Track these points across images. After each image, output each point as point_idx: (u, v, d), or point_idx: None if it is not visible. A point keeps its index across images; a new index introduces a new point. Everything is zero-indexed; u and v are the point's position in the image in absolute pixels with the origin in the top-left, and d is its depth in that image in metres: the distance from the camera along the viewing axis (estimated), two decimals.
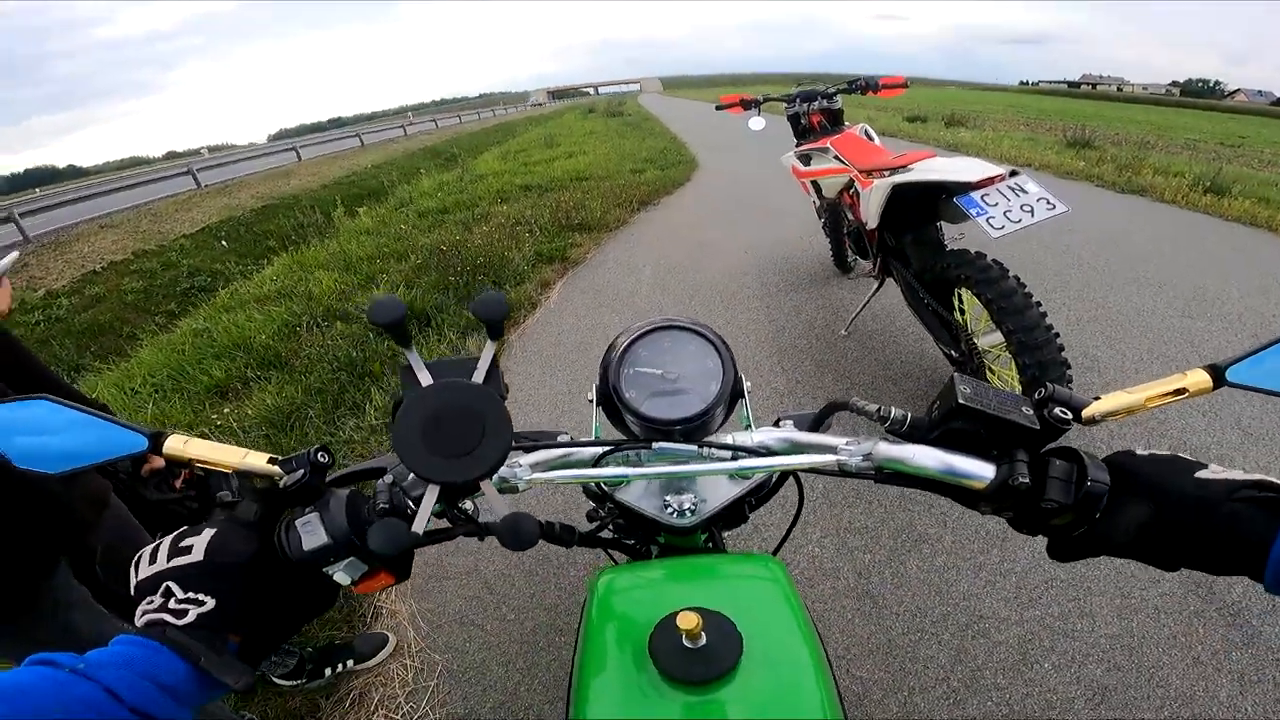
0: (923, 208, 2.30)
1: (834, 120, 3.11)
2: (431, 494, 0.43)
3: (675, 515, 0.66)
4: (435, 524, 0.47)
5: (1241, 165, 8.80)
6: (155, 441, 0.50)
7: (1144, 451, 0.45)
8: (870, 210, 2.37)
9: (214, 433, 2.69)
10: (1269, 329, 2.99)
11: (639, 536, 0.76)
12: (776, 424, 0.65)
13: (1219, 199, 5.18)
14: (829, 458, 0.56)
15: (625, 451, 0.62)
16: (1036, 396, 0.49)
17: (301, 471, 0.50)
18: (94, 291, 6.25)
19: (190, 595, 0.43)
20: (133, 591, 0.46)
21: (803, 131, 3.20)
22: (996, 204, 1.84)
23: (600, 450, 0.62)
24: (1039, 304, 1.89)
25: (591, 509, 0.79)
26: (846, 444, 0.56)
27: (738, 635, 0.49)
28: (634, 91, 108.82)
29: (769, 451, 0.60)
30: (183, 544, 0.46)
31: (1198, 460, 0.43)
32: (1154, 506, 0.42)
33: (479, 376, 0.46)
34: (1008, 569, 1.70)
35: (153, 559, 0.46)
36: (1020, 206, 1.83)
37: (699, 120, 16.77)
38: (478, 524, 0.49)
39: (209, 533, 0.46)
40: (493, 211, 5.76)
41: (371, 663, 1.64)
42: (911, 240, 2.45)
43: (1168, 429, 2.21)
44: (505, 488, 0.56)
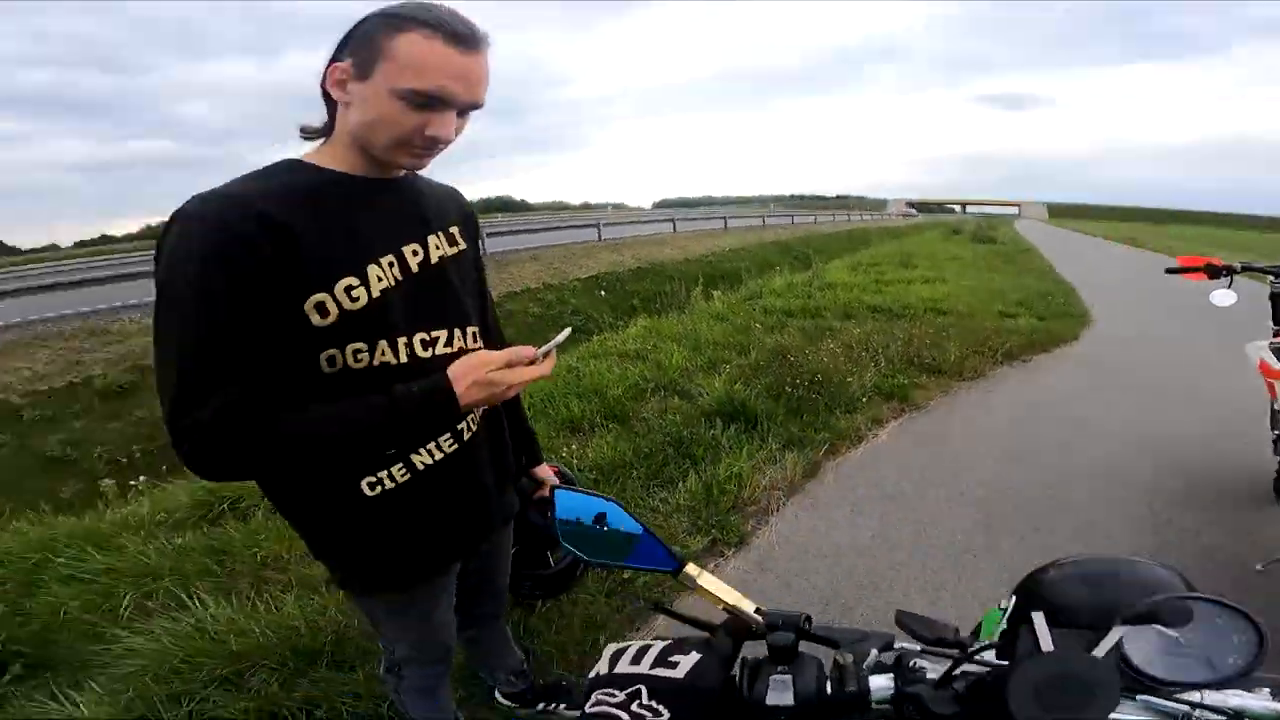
0: None
1: None
2: None
3: None
4: None
5: None
6: (679, 567, 0.60)
7: None
8: None
9: (555, 462, 3.18)
10: None
11: None
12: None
13: None
14: None
15: None
16: None
17: (791, 635, 0.54)
18: (509, 308, 8.09)
19: (653, 705, 0.48)
20: (594, 675, 0.53)
21: None
22: None
23: None
24: None
25: None
26: None
27: None
28: (1010, 215, 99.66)
29: None
30: (671, 659, 0.52)
31: None
32: None
33: (1099, 652, 0.46)
34: None
35: (636, 659, 0.53)
36: None
37: (1098, 262, 14.43)
38: None
39: (695, 657, 0.52)
40: (836, 327, 5.77)
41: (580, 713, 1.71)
42: None
43: None
44: None
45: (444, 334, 0.99)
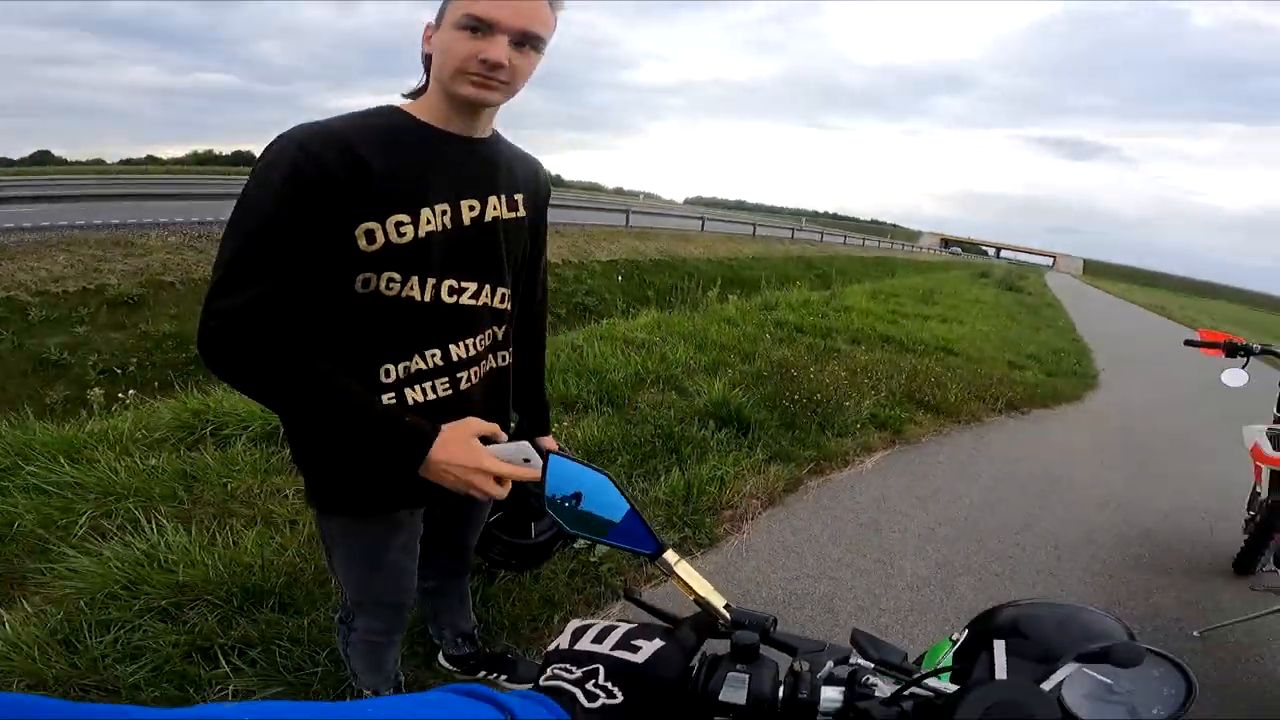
0: None
1: None
2: None
3: None
4: None
5: None
6: (658, 551, 0.62)
7: None
8: None
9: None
10: None
11: None
12: None
13: None
14: None
15: None
16: None
17: (756, 635, 0.55)
18: None
19: (607, 686, 0.49)
20: (553, 648, 0.55)
21: None
22: None
23: None
24: None
25: None
26: None
27: None
28: (1042, 265, 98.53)
29: None
30: (634, 642, 0.53)
31: None
32: None
33: (1048, 685, 0.48)
34: None
35: (598, 639, 0.54)
36: None
37: (1121, 325, 14.28)
38: None
39: (659, 644, 0.53)
40: (844, 350, 5.76)
41: (519, 688, 1.73)
42: None
43: None
44: None
45: (473, 286, 1.06)
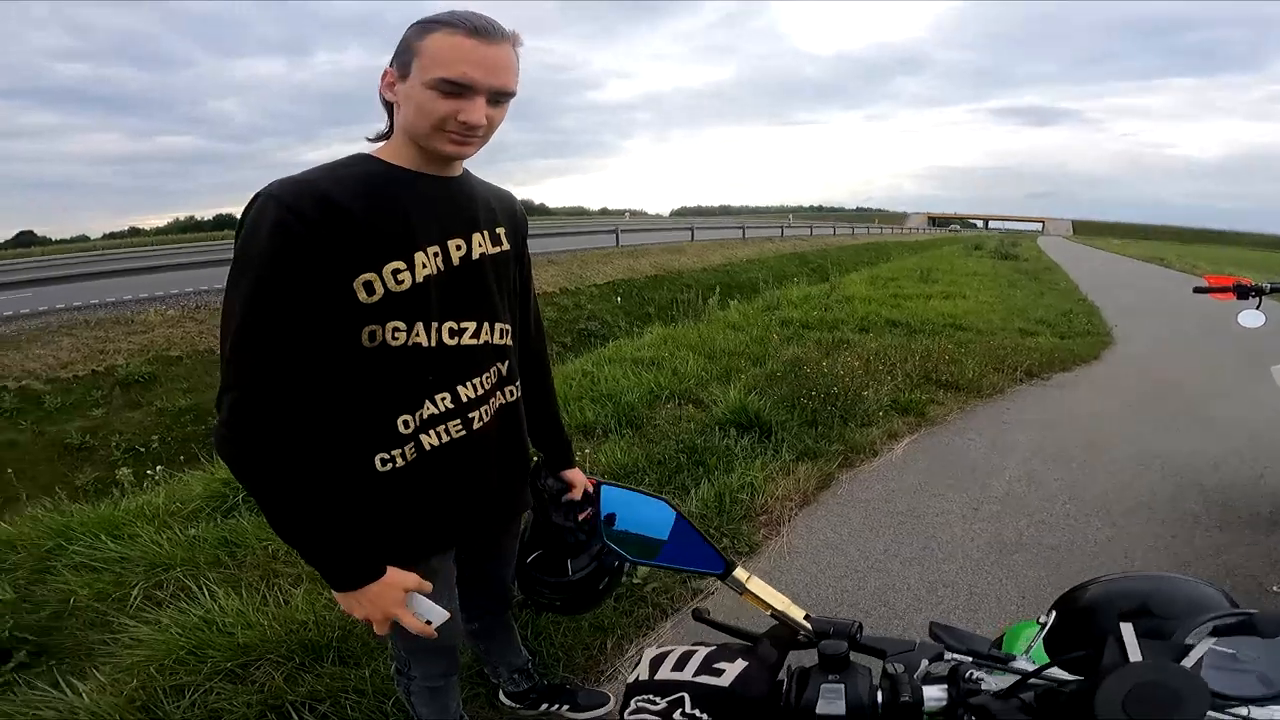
0: None
1: None
2: None
3: None
4: None
5: None
6: (728, 568, 0.60)
7: None
8: None
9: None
10: None
11: None
12: None
13: None
14: None
15: None
16: None
17: (845, 644, 0.53)
18: None
19: (695, 714, 0.47)
20: (633, 680, 0.52)
21: None
22: None
23: None
24: None
25: None
26: None
27: None
28: (1033, 231, 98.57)
29: None
30: (716, 665, 0.51)
31: None
32: None
33: (1188, 663, 0.46)
34: None
35: (679, 665, 0.52)
36: None
37: (1123, 280, 14.20)
38: None
39: (742, 664, 0.51)
40: (853, 340, 5.73)
41: (584, 716, 1.70)
42: None
43: None
44: None
45: (472, 325, 1.06)
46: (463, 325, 1.05)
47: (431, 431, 1.04)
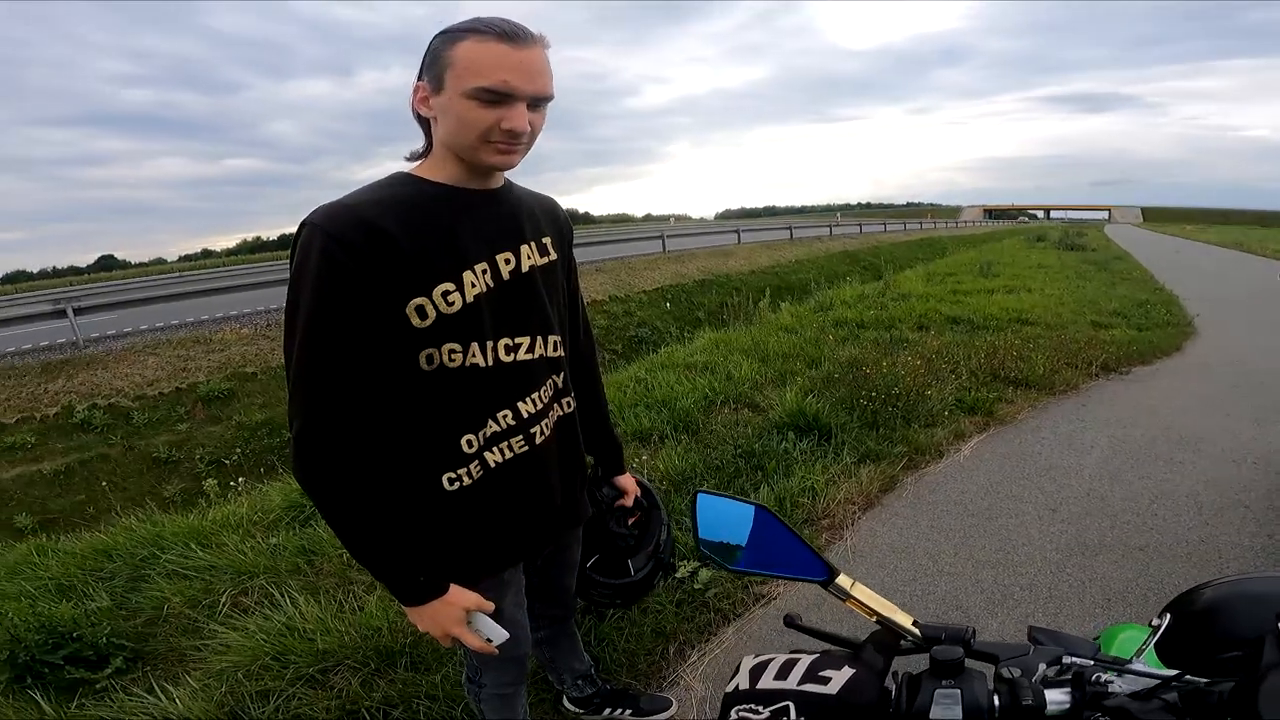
0: None
1: None
2: None
3: None
4: None
5: None
6: (831, 574, 0.59)
7: None
8: None
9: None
10: None
11: None
12: None
13: None
14: None
15: None
16: None
17: (960, 649, 0.52)
18: None
19: None
20: (732, 689, 0.51)
21: None
22: None
23: None
24: None
25: None
26: None
27: None
28: (1099, 220, 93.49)
29: None
30: (822, 673, 0.50)
31: None
32: None
33: None
34: None
35: (781, 674, 0.51)
36: None
37: (1201, 268, 13.31)
38: None
39: (849, 672, 0.50)
40: (911, 339, 5.55)
41: None
42: None
43: None
44: None
45: (526, 340, 1.05)
46: (517, 341, 1.04)
47: (495, 449, 1.04)
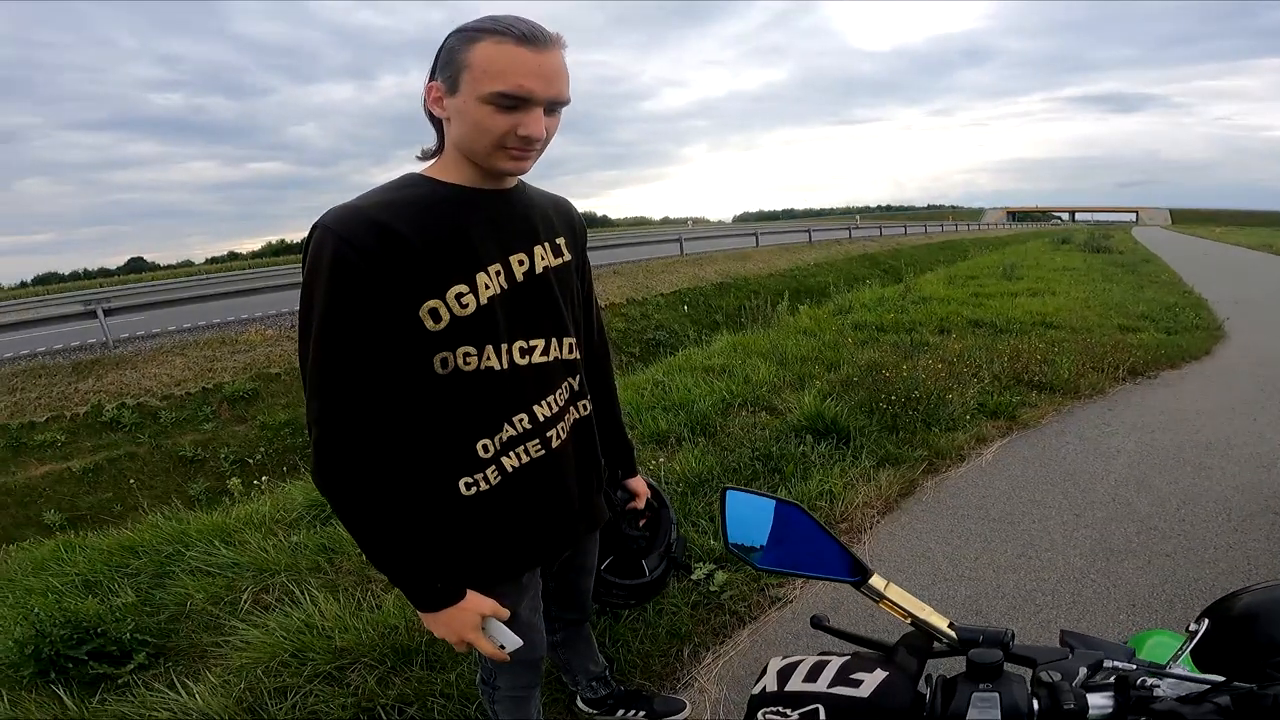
0: None
1: None
2: None
3: None
4: None
5: None
6: (864, 575, 0.59)
7: None
8: None
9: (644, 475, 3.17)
10: None
11: None
12: None
13: None
14: None
15: None
16: None
17: (999, 652, 0.51)
18: None
19: None
20: (759, 691, 0.51)
21: None
22: None
23: None
24: None
25: None
26: None
27: None
28: (1126, 222, 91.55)
29: None
30: (853, 675, 0.49)
31: None
32: None
33: None
34: None
35: (811, 676, 0.50)
36: None
37: (1231, 270, 12.95)
38: None
39: (881, 675, 0.49)
40: (933, 342, 5.48)
41: None
42: None
43: None
44: None
45: (541, 343, 1.04)
46: (532, 343, 1.02)
47: (512, 453, 1.03)
